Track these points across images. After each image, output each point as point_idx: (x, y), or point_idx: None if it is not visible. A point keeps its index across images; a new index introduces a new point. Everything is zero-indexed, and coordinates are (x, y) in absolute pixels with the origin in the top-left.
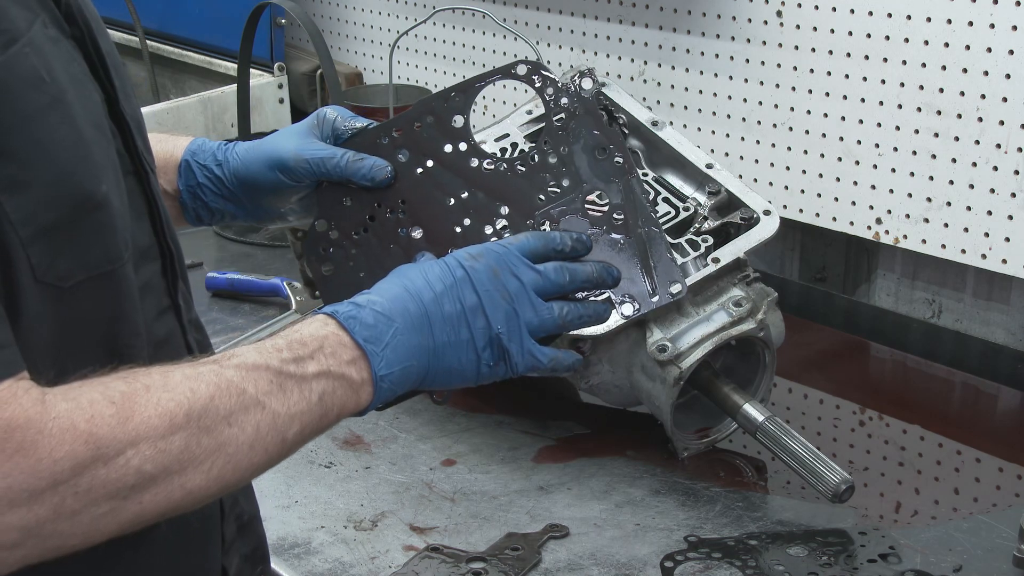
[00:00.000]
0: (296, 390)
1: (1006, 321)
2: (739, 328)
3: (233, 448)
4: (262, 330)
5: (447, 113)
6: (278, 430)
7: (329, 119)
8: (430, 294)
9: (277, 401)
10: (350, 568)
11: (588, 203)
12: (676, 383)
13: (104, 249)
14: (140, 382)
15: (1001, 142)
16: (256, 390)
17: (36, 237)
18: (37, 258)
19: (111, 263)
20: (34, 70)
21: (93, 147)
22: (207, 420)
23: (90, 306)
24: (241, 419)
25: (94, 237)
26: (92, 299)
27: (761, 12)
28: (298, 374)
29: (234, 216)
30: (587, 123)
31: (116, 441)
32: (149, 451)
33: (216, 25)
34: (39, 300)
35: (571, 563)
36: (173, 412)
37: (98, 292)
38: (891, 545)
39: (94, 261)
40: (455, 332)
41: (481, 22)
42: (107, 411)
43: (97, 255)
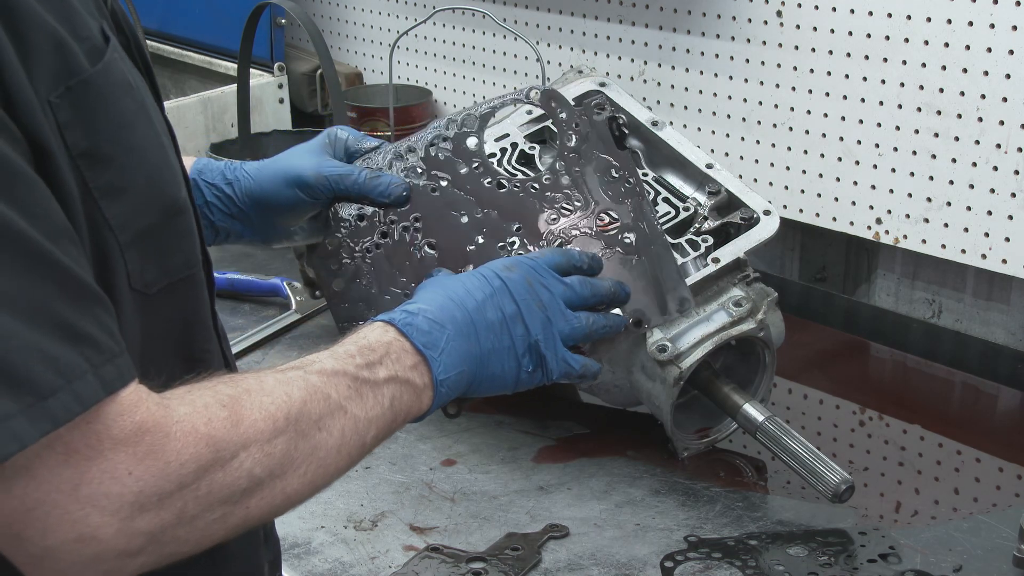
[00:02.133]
0: (371, 395)
1: (1006, 321)
2: (739, 328)
3: (324, 452)
4: (262, 330)
5: (462, 134)
6: (359, 434)
7: (341, 138)
8: (473, 302)
9: (357, 406)
10: (350, 568)
11: (599, 222)
12: (676, 383)
13: (184, 255)
14: (241, 386)
15: (1001, 142)
16: (338, 395)
17: (132, 243)
18: (132, 264)
19: (190, 268)
20: (123, 76)
21: (169, 152)
22: (303, 424)
23: (170, 313)
24: (329, 424)
25: (177, 243)
26: (172, 305)
27: (761, 12)
28: (371, 379)
29: (240, 235)
30: (598, 147)
31: (231, 444)
32: (258, 454)
33: (216, 25)
34: (130, 307)
35: (571, 563)
36: (275, 416)
37: (178, 298)
38: (891, 545)
39: (175, 267)
40: (498, 339)
41: (481, 22)
42: (221, 414)
43: (178, 261)
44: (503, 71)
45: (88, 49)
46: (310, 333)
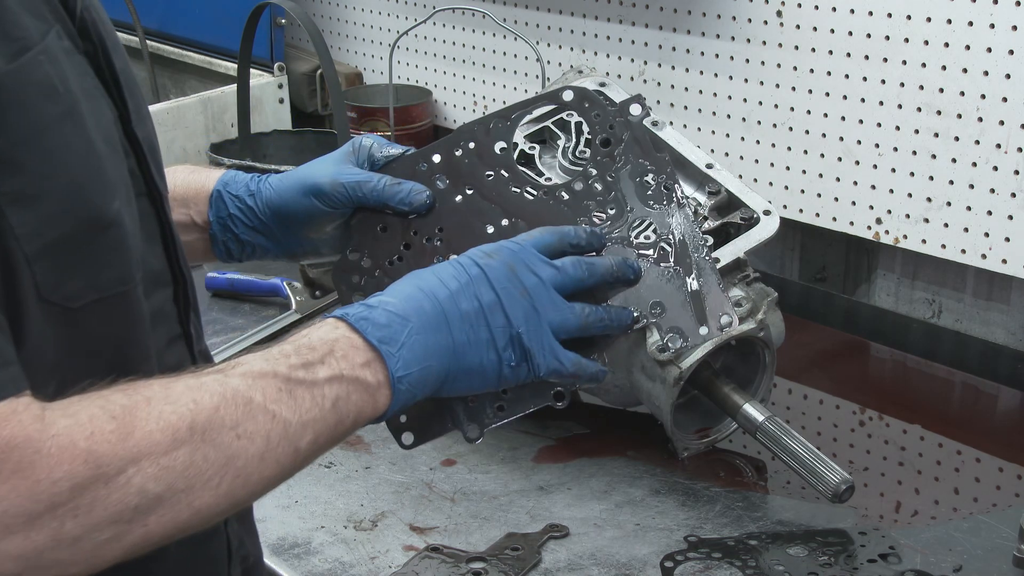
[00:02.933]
0: (307, 396)
1: (1006, 321)
2: (739, 328)
3: (242, 461)
4: (262, 330)
5: (488, 140)
6: (290, 439)
7: (365, 146)
8: (445, 292)
9: (287, 409)
10: (350, 568)
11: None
12: (676, 383)
13: (116, 270)
14: (141, 394)
15: (1001, 142)
16: (264, 398)
17: (42, 253)
18: (43, 276)
19: (123, 284)
20: (48, 79)
21: (106, 163)
22: (212, 433)
23: (99, 329)
24: (249, 430)
25: (106, 257)
26: (102, 322)
27: (761, 12)
28: (308, 380)
29: (265, 250)
30: (634, 150)
31: (117, 458)
32: (152, 469)
33: (216, 25)
34: (45, 319)
35: (571, 563)
36: (176, 425)
37: (108, 315)
38: (891, 545)
39: (105, 282)
40: (474, 331)
41: (481, 22)
42: (107, 427)
43: (109, 276)
44: (503, 71)
45: (10, 49)
46: None
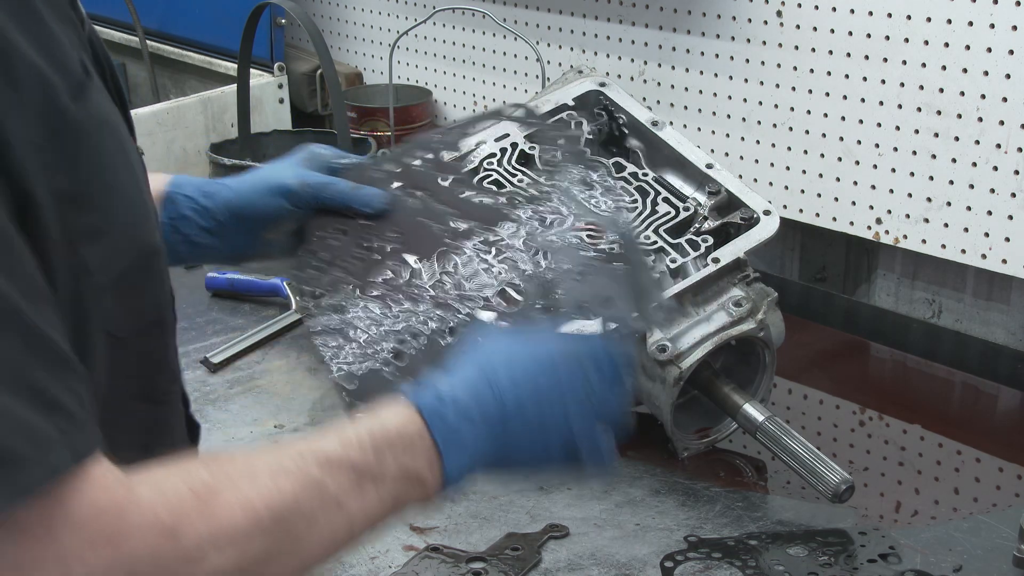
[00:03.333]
0: (374, 492)
1: (1006, 321)
2: (739, 328)
3: (308, 549)
4: (262, 330)
5: (439, 148)
6: (351, 532)
7: (321, 155)
8: (513, 399)
9: (355, 503)
10: (350, 568)
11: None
12: (676, 383)
13: (155, 296)
14: (224, 471)
15: (1001, 142)
16: (337, 489)
17: (110, 287)
18: (109, 309)
19: (159, 310)
20: (103, 113)
21: (145, 192)
22: (290, 523)
23: (137, 355)
24: (321, 521)
25: (152, 285)
26: (140, 348)
27: (761, 12)
28: (378, 474)
29: (217, 251)
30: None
31: (198, 537)
32: (231, 552)
33: (216, 25)
34: (102, 352)
35: (571, 563)
36: (258, 510)
37: (146, 340)
38: (891, 545)
39: (148, 309)
40: (531, 441)
41: (481, 22)
42: (190, 503)
43: (150, 303)
44: (503, 71)
45: (71, 85)
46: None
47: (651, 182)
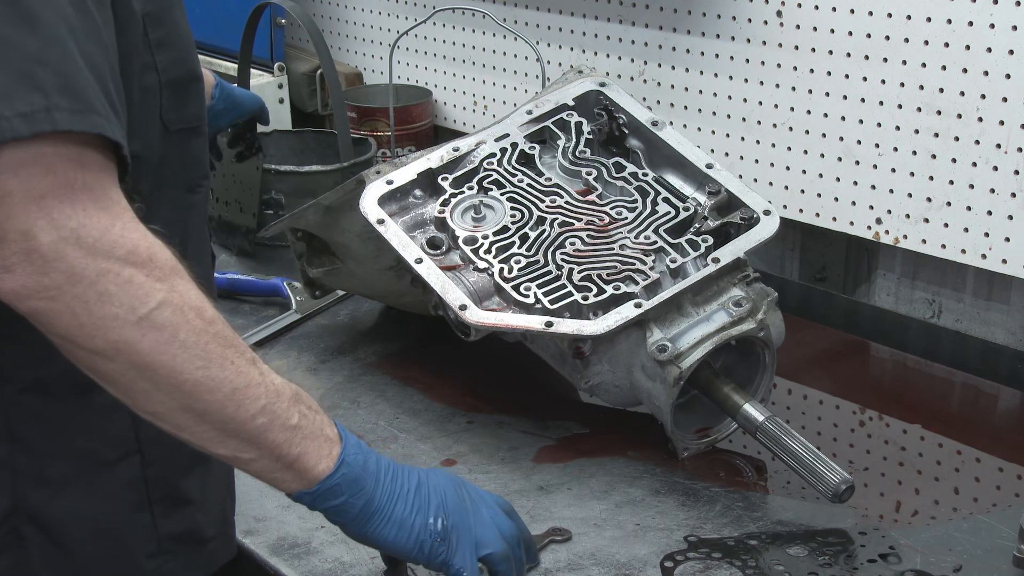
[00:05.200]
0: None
1: (1006, 321)
2: (739, 328)
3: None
4: (262, 330)
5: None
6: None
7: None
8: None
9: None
10: (350, 568)
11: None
12: (676, 383)
13: (195, 110)
14: (205, 296)
15: (1001, 142)
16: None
17: (168, 85)
18: (165, 101)
19: (198, 121)
20: None
21: (192, 39)
22: (224, 341)
23: (181, 147)
24: (237, 385)
25: (192, 99)
26: (182, 145)
27: (761, 12)
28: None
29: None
30: None
31: (164, 272)
32: (189, 297)
33: (216, 25)
34: (156, 133)
35: (571, 563)
36: (210, 314)
37: (188, 139)
38: (891, 545)
39: (189, 116)
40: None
41: (481, 22)
42: (168, 259)
43: (191, 113)
44: (503, 71)
45: None
46: (310, 333)
47: (651, 182)
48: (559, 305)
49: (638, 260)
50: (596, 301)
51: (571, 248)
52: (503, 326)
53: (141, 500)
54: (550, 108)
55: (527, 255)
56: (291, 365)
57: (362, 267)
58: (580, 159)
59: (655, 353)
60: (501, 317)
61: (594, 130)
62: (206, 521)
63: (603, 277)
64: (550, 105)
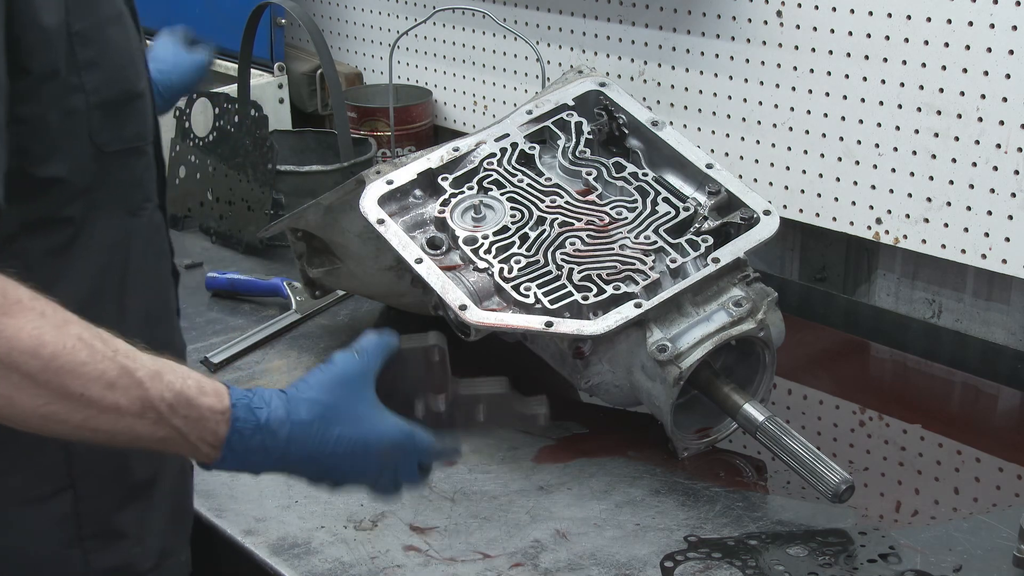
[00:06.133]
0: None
1: (1006, 321)
2: (739, 328)
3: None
4: (262, 330)
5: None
6: (98, 426)
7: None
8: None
9: (130, 406)
10: (350, 568)
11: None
12: (676, 383)
13: (137, 130)
14: (46, 305)
15: (1001, 142)
16: (122, 397)
17: (97, 106)
18: (94, 122)
19: (141, 140)
20: None
21: (136, 56)
22: (64, 378)
23: (120, 171)
24: (93, 399)
25: (132, 119)
26: (122, 166)
27: (761, 12)
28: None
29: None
30: None
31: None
32: (2, 346)
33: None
34: (88, 155)
35: (571, 563)
36: (44, 344)
37: (127, 162)
38: (891, 545)
39: (129, 136)
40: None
41: (481, 22)
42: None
43: (131, 133)
44: (503, 71)
45: None
46: (310, 333)
47: (651, 182)
48: (559, 305)
49: (638, 260)
50: (596, 301)
51: (571, 248)
52: (503, 326)
53: (72, 536)
54: (550, 108)
55: (527, 255)
56: (291, 365)
57: (362, 267)
58: (580, 159)
59: (655, 353)
60: (501, 317)
61: (594, 130)
62: (143, 554)
63: (603, 277)
64: (550, 105)
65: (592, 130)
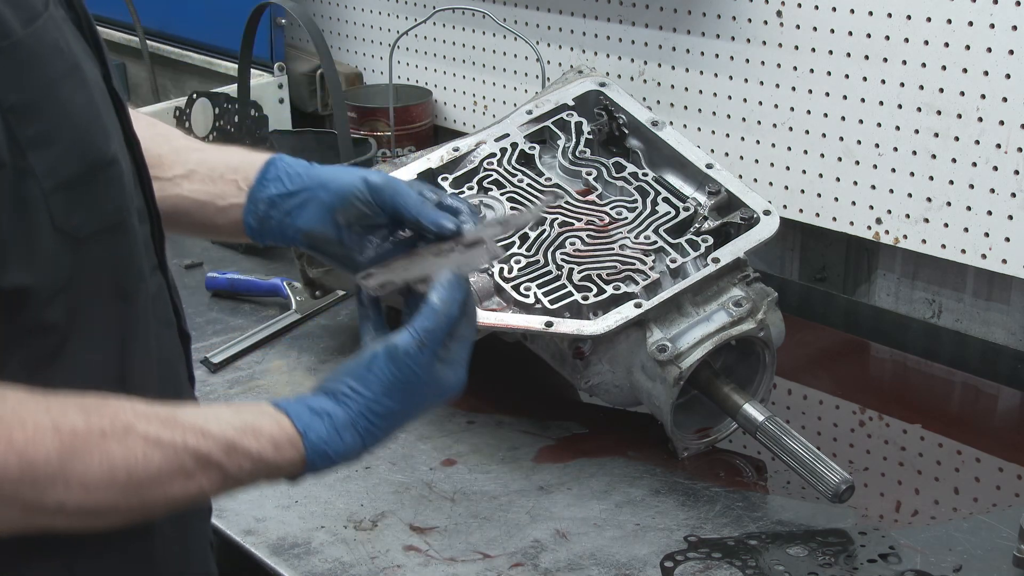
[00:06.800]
0: (231, 483)
1: (1006, 321)
2: (739, 328)
3: (153, 510)
4: (262, 330)
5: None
6: (197, 502)
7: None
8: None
9: (210, 487)
10: (350, 568)
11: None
12: (676, 383)
13: (114, 203)
14: (98, 425)
15: (1001, 142)
16: (200, 480)
17: (56, 189)
18: (56, 208)
19: (120, 215)
20: (55, 41)
21: (102, 112)
22: (144, 488)
23: (103, 255)
24: (172, 492)
25: (106, 191)
26: (104, 248)
27: (761, 12)
28: (239, 477)
29: (295, 228)
30: None
31: (48, 468)
32: (78, 493)
33: (216, 25)
34: (58, 248)
35: (571, 563)
36: (116, 469)
37: (109, 242)
38: (891, 545)
39: (105, 213)
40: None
41: (481, 22)
42: (49, 439)
43: (108, 208)
44: (503, 71)
45: (23, 16)
46: (310, 333)
47: (651, 182)
48: (559, 305)
49: (638, 260)
50: (596, 301)
51: (571, 248)
52: (503, 326)
53: None
54: (550, 108)
55: (527, 255)
56: (291, 365)
57: None
58: (580, 159)
59: (655, 353)
60: (501, 317)
61: (594, 130)
62: None
63: (603, 277)
64: (550, 105)
65: (592, 130)
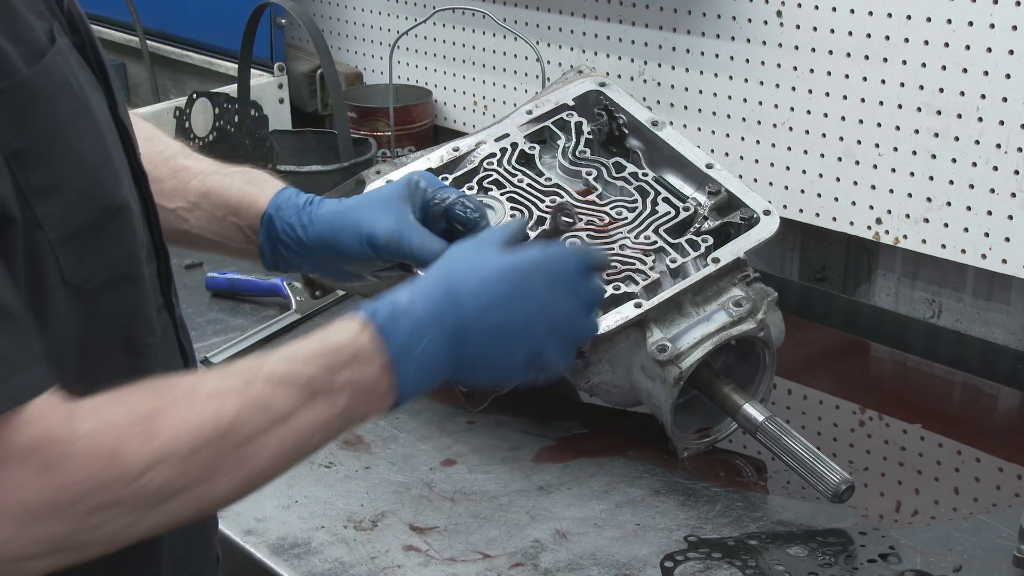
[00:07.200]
0: (323, 403)
1: (1006, 321)
2: (739, 328)
3: (253, 462)
4: (262, 330)
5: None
6: (301, 443)
7: (420, 189)
8: (472, 307)
9: (303, 416)
10: (350, 568)
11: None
12: (676, 383)
13: (125, 250)
14: (167, 397)
15: (1001, 142)
16: (284, 406)
17: (65, 240)
18: (65, 261)
19: (131, 264)
20: (64, 77)
21: (112, 151)
22: (232, 438)
23: (113, 305)
24: (265, 436)
25: (116, 239)
26: (115, 298)
27: (761, 12)
28: (327, 387)
29: (313, 271)
30: None
31: (139, 459)
32: (173, 467)
33: (216, 25)
34: (66, 302)
35: (571, 563)
36: (199, 429)
37: (119, 292)
38: (891, 545)
39: (115, 262)
40: (493, 348)
41: (481, 22)
42: (132, 431)
43: (118, 257)
44: (503, 71)
45: (27, 52)
46: (310, 333)
47: (651, 182)
48: None
49: (638, 260)
50: None
51: None
52: None
53: None
54: (550, 108)
55: None
56: None
57: None
58: (580, 159)
59: (655, 353)
60: None
61: (594, 130)
62: None
63: (603, 277)
64: (550, 105)
65: (592, 130)
